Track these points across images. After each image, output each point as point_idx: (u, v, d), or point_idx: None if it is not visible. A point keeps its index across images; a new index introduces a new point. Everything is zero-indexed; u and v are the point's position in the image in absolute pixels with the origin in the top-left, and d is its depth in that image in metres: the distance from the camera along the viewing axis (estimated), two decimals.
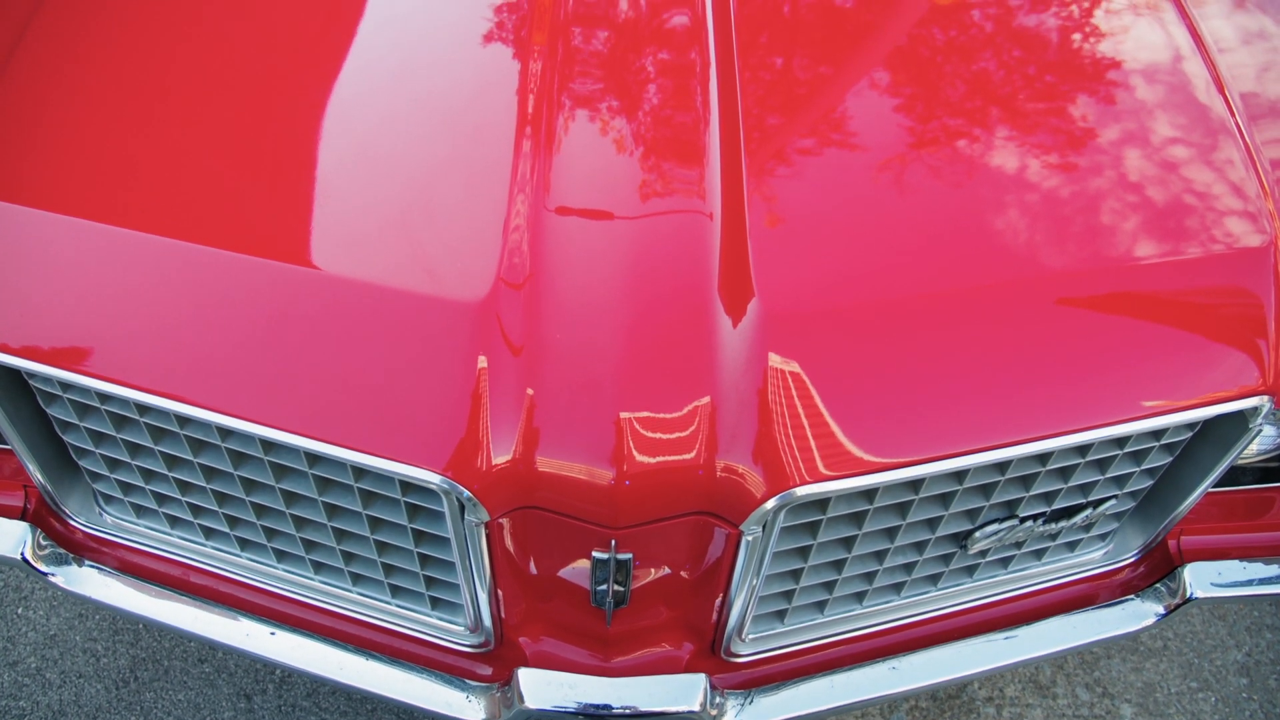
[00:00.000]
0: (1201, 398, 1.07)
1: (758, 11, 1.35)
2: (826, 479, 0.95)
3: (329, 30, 1.27)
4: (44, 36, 1.23)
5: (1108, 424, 1.03)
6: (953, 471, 1.01)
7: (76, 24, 1.25)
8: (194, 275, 1.03)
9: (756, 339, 0.97)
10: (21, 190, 1.09)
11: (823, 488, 0.95)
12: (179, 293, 1.03)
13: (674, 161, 1.09)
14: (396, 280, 0.99)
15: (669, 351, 0.96)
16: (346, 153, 1.12)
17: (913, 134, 1.20)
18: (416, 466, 0.95)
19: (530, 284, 0.98)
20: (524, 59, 1.22)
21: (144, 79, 1.20)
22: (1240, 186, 1.19)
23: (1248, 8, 1.51)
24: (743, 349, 0.97)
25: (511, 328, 0.97)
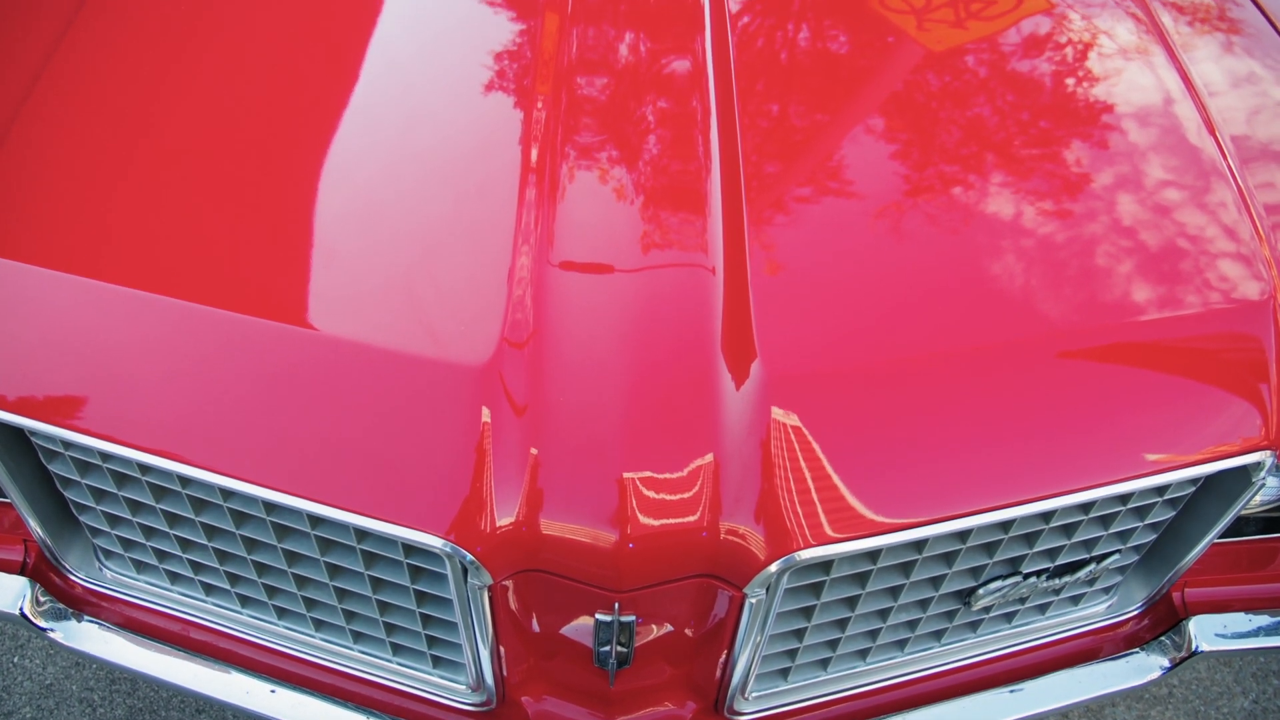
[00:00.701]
0: (1204, 453, 1.07)
1: (756, 58, 1.36)
2: (830, 541, 0.95)
3: (331, 81, 1.28)
4: (49, 95, 1.24)
5: (1111, 482, 1.02)
6: (957, 531, 1.00)
7: (81, 82, 1.26)
8: (197, 335, 1.03)
9: (759, 401, 0.97)
10: (27, 248, 1.09)
11: (826, 550, 0.95)
12: (182, 353, 1.03)
13: (677, 213, 1.10)
14: (399, 342, 0.99)
15: (673, 412, 0.96)
16: (349, 208, 1.13)
17: (912, 183, 1.21)
18: (420, 531, 0.94)
19: (534, 342, 0.98)
20: (528, 109, 1.23)
21: (147, 136, 1.20)
22: (1237, 234, 1.19)
23: (1235, 51, 1.52)
24: (746, 411, 0.97)
25: (515, 388, 0.97)
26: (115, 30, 1.33)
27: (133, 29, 1.34)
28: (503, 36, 1.38)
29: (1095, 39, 1.48)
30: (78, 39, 1.30)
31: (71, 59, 1.28)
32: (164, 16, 1.37)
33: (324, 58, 1.32)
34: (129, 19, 1.35)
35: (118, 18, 1.35)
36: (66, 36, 1.30)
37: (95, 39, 1.31)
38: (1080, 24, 1.50)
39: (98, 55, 1.30)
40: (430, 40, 1.38)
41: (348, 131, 1.22)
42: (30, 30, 1.33)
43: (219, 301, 1.03)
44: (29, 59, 1.28)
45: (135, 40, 1.32)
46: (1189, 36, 1.53)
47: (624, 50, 1.29)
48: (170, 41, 1.33)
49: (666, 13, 1.39)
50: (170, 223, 1.11)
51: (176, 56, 1.31)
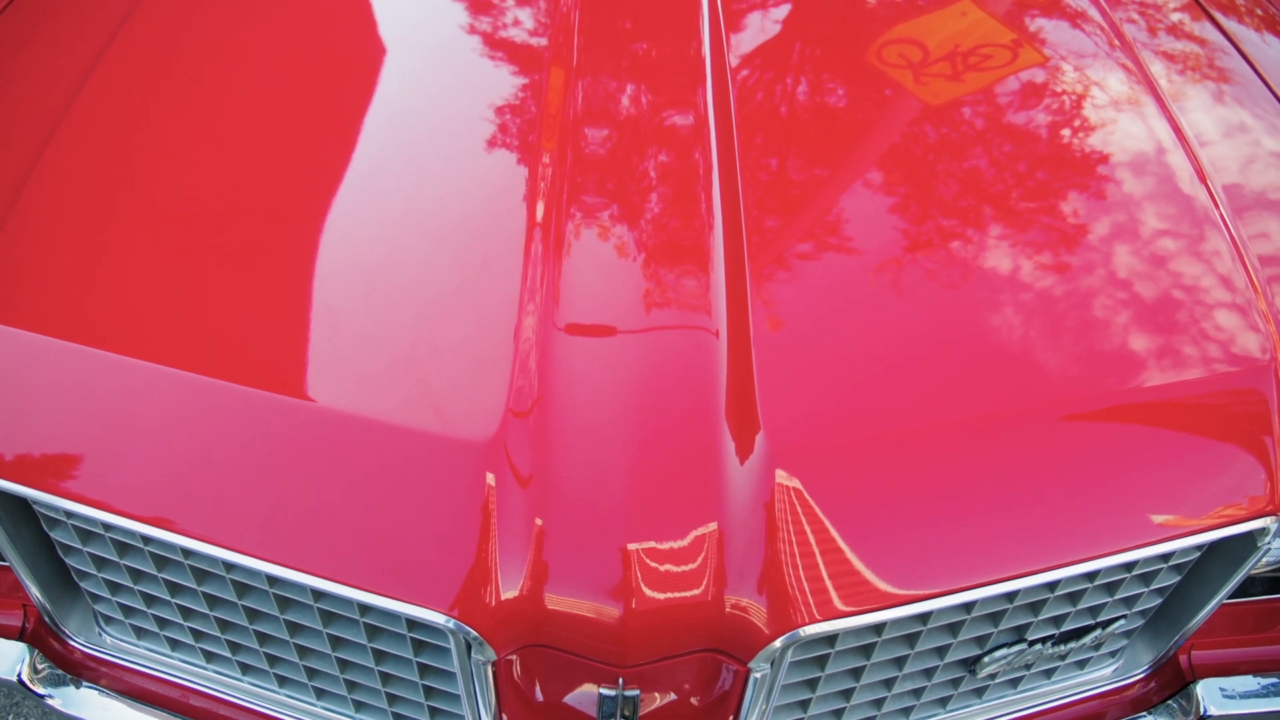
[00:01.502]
0: (1209, 519, 1.07)
1: (757, 111, 1.37)
2: (834, 616, 0.95)
3: (334, 141, 1.29)
4: (55, 164, 1.24)
5: (1117, 551, 1.02)
6: (962, 603, 1.00)
7: (86, 150, 1.27)
8: (200, 407, 1.03)
9: (763, 475, 0.97)
10: (35, 317, 1.09)
11: (830, 626, 0.94)
12: (185, 424, 1.03)
13: (681, 273, 1.10)
14: (403, 417, 0.99)
15: (677, 485, 0.96)
16: (353, 272, 1.13)
17: (914, 239, 1.21)
18: (424, 607, 0.94)
19: (538, 410, 0.98)
20: (533, 164, 1.24)
21: (150, 203, 1.21)
22: (1234, 291, 1.20)
23: (1225, 101, 1.53)
24: (749, 485, 0.96)
25: (519, 459, 0.97)
26: (120, 96, 1.34)
27: (137, 95, 1.35)
28: (508, 91, 1.39)
29: (1088, 90, 1.49)
30: (84, 106, 1.31)
31: (78, 127, 1.29)
32: (166, 83, 1.38)
33: (327, 117, 1.33)
34: (133, 85, 1.36)
35: (123, 85, 1.36)
36: (73, 105, 1.31)
37: (100, 106, 1.32)
38: (1073, 75, 1.52)
39: (103, 122, 1.31)
40: (436, 96, 1.39)
41: (353, 194, 1.22)
42: (37, 98, 1.34)
43: (222, 373, 1.03)
44: (35, 128, 1.29)
45: (139, 106, 1.34)
46: (1180, 86, 1.55)
47: (629, 104, 1.30)
48: (172, 108, 1.34)
49: (669, 67, 1.40)
50: (174, 292, 1.11)
51: (179, 122, 1.32)
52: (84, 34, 1.45)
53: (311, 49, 1.47)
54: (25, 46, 1.46)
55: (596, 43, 1.45)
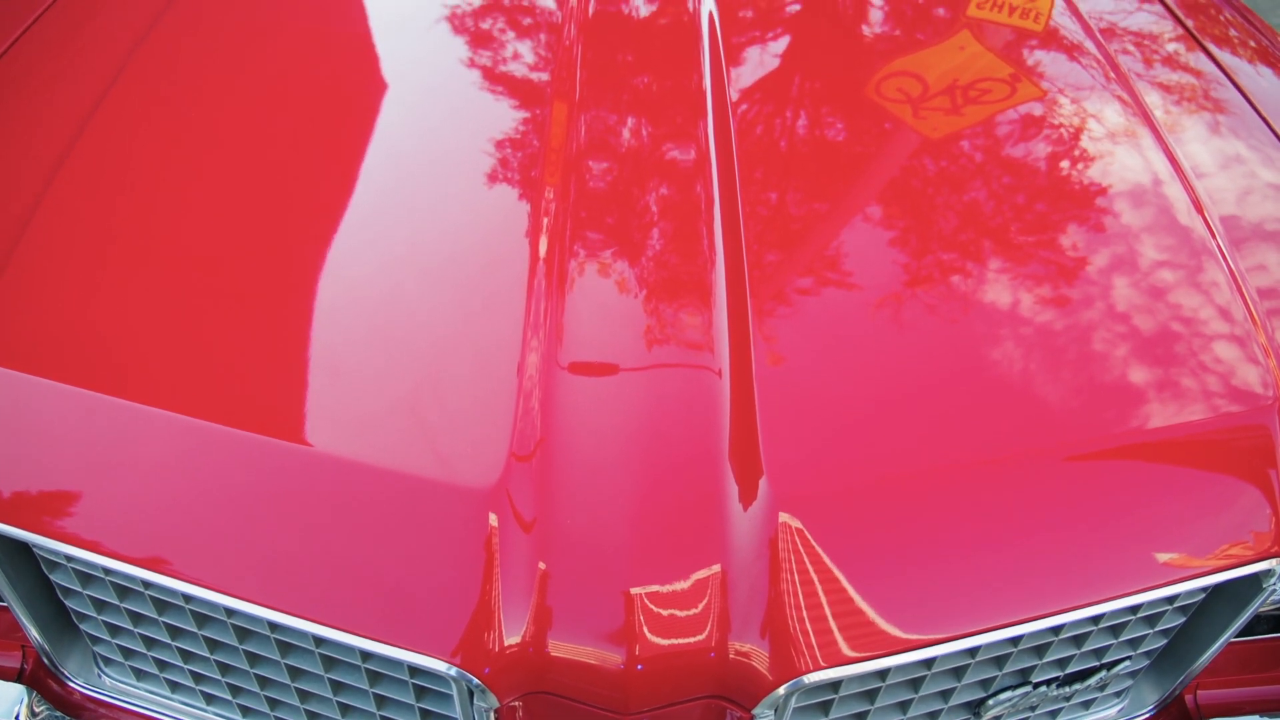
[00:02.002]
0: (1214, 561, 1.06)
1: (757, 146, 1.38)
2: (838, 663, 0.94)
3: (338, 179, 1.29)
4: (55, 209, 1.25)
5: (1122, 595, 1.02)
6: (966, 649, 1.00)
7: (87, 196, 1.27)
8: (200, 452, 1.03)
9: (766, 520, 0.97)
10: (34, 360, 1.09)
11: (835, 673, 0.94)
12: (186, 469, 1.02)
13: (684, 311, 1.10)
14: (406, 463, 0.99)
15: (681, 529, 0.96)
16: (356, 311, 1.13)
17: (917, 275, 1.21)
18: (426, 655, 0.93)
19: (540, 452, 0.98)
20: (536, 199, 1.24)
21: (152, 247, 1.21)
22: (1236, 327, 1.20)
23: (1221, 133, 1.54)
24: (753, 530, 0.96)
25: (522, 504, 0.97)
26: (121, 138, 1.35)
27: (138, 135, 1.36)
28: (512, 126, 1.40)
29: (1086, 123, 1.50)
30: (86, 148, 1.32)
31: (80, 169, 1.29)
32: (168, 122, 1.39)
33: (329, 155, 1.34)
34: (135, 126, 1.37)
35: (124, 126, 1.37)
36: (75, 146, 1.32)
37: (102, 148, 1.33)
38: (1071, 108, 1.53)
39: (104, 164, 1.31)
40: (440, 132, 1.40)
41: (355, 232, 1.23)
42: (39, 139, 1.35)
43: (222, 417, 1.03)
44: (38, 170, 1.30)
45: (141, 146, 1.34)
46: (1176, 118, 1.56)
47: (631, 138, 1.31)
48: (174, 148, 1.35)
49: (670, 100, 1.41)
50: (175, 336, 1.11)
51: (180, 162, 1.32)
52: (87, 75, 1.46)
53: (313, 86, 1.48)
54: (28, 87, 1.46)
55: (599, 76, 1.46)
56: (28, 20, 1.60)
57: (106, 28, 1.60)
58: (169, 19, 1.61)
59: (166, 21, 1.60)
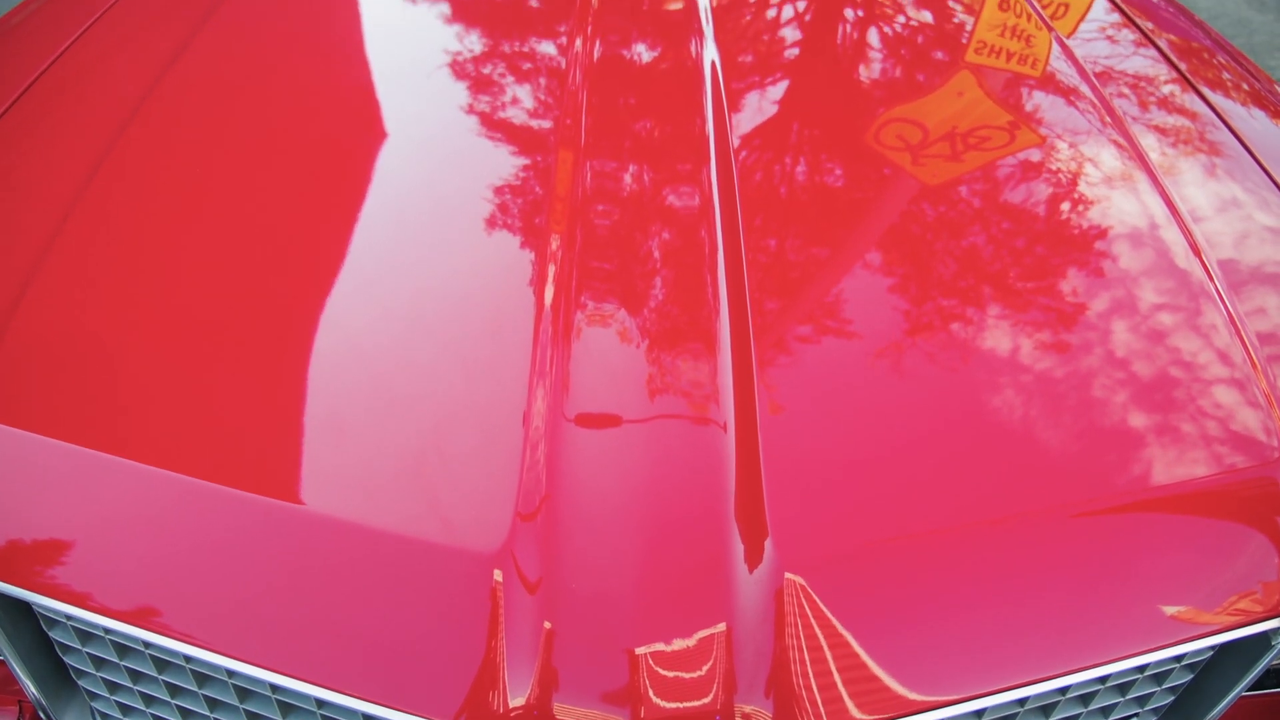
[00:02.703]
0: (1222, 618, 1.06)
1: (759, 192, 1.39)
2: None
3: (340, 232, 1.29)
4: (59, 267, 1.25)
5: (1129, 655, 1.01)
6: (972, 711, 0.99)
7: (89, 255, 1.27)
8: (199, 513, 1.02)
9: (772, 581, 0.97)
10: (36, 418, 1.09)
11: None
12: (186, 530, 1.02)
13: (688, 363, 1.10)
14: (409, 527, 0.99)
15: (687, 589, 0.95)
16: (359, 368, 1.13)
17: (920, 323, 1.22)
18: (430, 718, 0.93)
19: (545, 509, 0.98)
20: (541, 248, 1.24)
21: (154, 305, 1.21)
22: (1243, 376, 1.20)
23: (1217, 176, 1.55)
24: (759, 592, 0.96)
25: (526, 564, 0.96)
26: (123, 196, 1.35)
27: (141, 193, 1.36)
28: (518, 174, 1.41)
29: (1084, 168, 1.51)
30: (88, 207, 1.32)
31: (81, 228, 1.30)
32: (171, 178, 1.39)
33: (332, 207, 1.34)
34: (138, 184, 1.38)
35: (127, 184, 1.37)
36: (77, 205, 1.32)
37: (104, 207, 1.33)
38: (1069, 153, 1.54)
39: (106, 223, 1.31)
40: (444, 181, 1.40)
41: (358, 285, 1.23)
42: (42, 197, 1.35)
43: (225, 479, 1.02)
44: (40, 228, 1.30)
45: (143, 204, 1.34)
46: (1171, 161, 1.57)
47: (636, 185, 1.32)
48: (176, 204, 1.35)
49: (674, 146, 1.42)
50: (176, 395, 1.11)
51: (182, 219, 1.32)
52: (90, 130, 1.47)
53: (315, 136, 1.49)
54: (30, 145, 1.47)
55: (604, 122, 1.47)
56: (31, 76, 1.61)
57: (114, 80, 1.61)
58: (175, 70, 1.62)
59: (174, 72, 1.61)
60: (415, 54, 1.71)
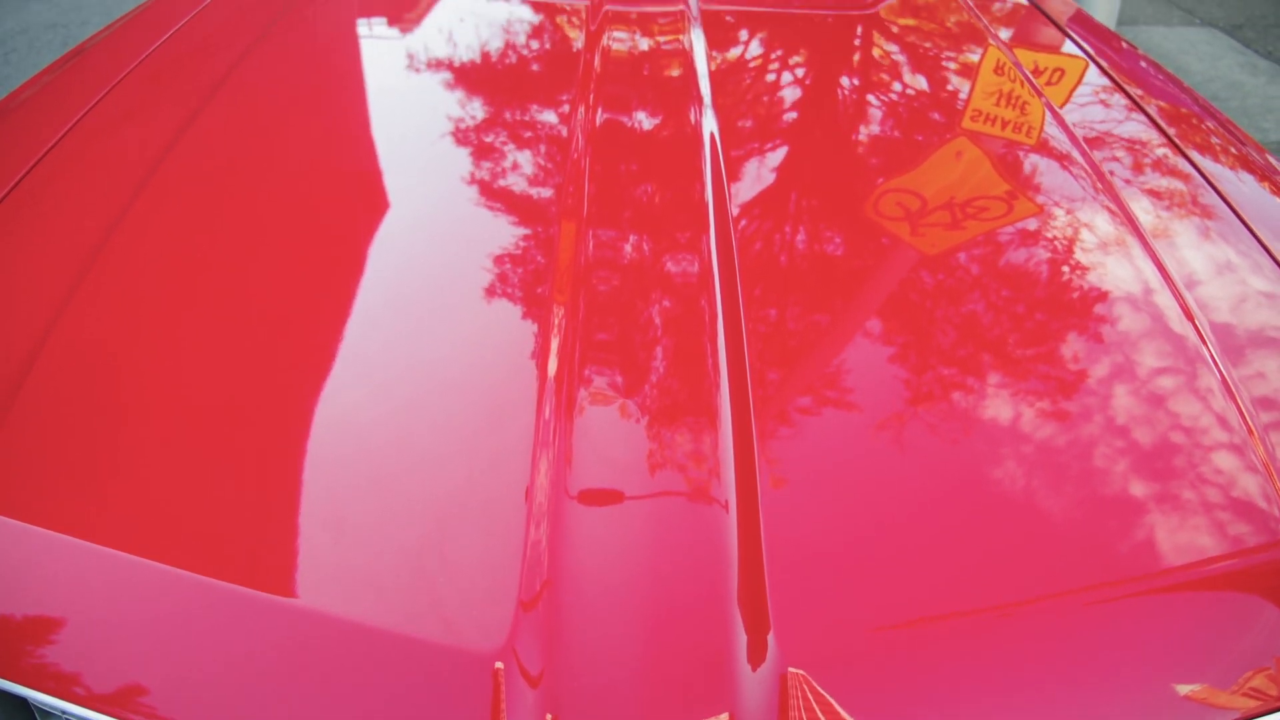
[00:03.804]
0: (1240, 702, 1.05)
1: (758, 261, 1.41)
2: None
3: (341, 313, 1.31)
4: (55, 361, 1.25)
5: None
6: None
7: (88, 345, 1.28)
8: (196, 609, 1.02)
9: (775, 673, 0.97)
10: (35, 511, 1.09)
11: None
12: (181, 626, 1.02)
13: (689, 437, 1.11)
14: (410, 624, 0.98)
15: (690, 679, 0.95)
16: (360, 447, 1.13)
17: (922, 394, 1.23)
18: None
19: (547, 596, 0.98)
20: (545, 319, 1.26)
21: (151, 396, 1.21)
22: (1244, 450, 1.21)
23: (1208, 240, 1.58)
24: (762, 685, 0.96)
25: (528, 658, 0.96)
26: (122, 285, 1.36)
27: (139, 282, 1.37)
28: (520, 242, 1.42)
29: (1078, 236, 1.54)
30: (86, 296, 1.33)
31: (79, 317, 1.30)
32: (170, 265, 1.40)
33: (332, 288, 1.35)
34: (136, 272, 1.38)
35: (125, 273, 1.38)
36: (75, 294, 1.33)
37: (102, 296, 1.34)
38: (1062, 222, 1.57)
39: (104, 312, 1.32)
40: (446, 251, 1.42)
41: (362, 360, 1.23)
42: (40, 286, 1.36)
43: (223, 574, 1.03)
44: (38, 317, 1.31)
45: (142, 293, 1.35)
46: (1162, 226, 1.60)
47: (637, 254, 1.33)
48: (176, 291, 1.35)
49: (674, 213, 1.45)
50: (173, 486, 1.11)
51: (182, 307, 1.33)
52: (90, 217, 1.48)
53: (317, 211, 1.51)
54: (28, 232, 1.48)
55: (606, 190, 1.50)
56: (32, 160, 1.63)
57: (114, 164, 1.63)
58: (179, 147, 1.64)
59: (178, 149, 1.64)
60: (420, 123, 1.74)
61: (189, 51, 2.04)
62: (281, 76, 1.93)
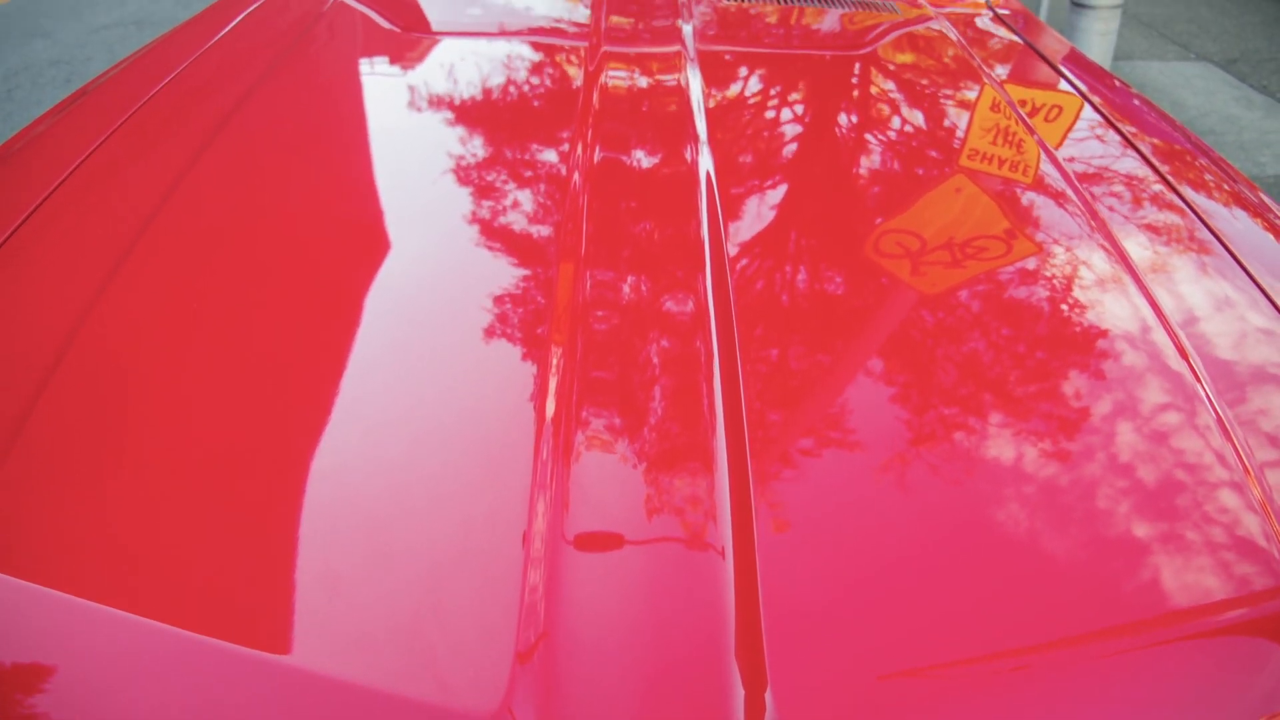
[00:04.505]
0: None
1: (755, 300, 1.41)
2: None
3: (340, 361, 1.30)
4: (48, 416, 1.24)
5: None
6: None
7: (81, 399, 1.27)
8: (189, 668, 1.00)
9: None
10: (26, 567, 1.07)
11: None
12: (167, 683, 1.00)
13: (685, 481, 1.10)
14: (407, 683, 0.97)
15: None
16: (353, 503, 1.12)
17: (923, 434, 1.22)
18: None
19: (543, 648, 0.97)
20: (544, 360, 1.26)
21: (146, 448, 1.20)
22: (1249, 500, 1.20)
23: (1202, 278, 1.59)
24: None
25: (524, 716, 0.95)
26: (118, 335, 1.36)
27: (137, 329, 1.37)
28: (519, 282, 1.43)
29: (1076, 274, 1.54)
30: (79, 350, 1.32)
31: (71, 376, 1.29)
32: (167, 313, 1.39)
33: (331, 328, 1.35)
34: (131, 321, 1.38)
35: (120, 323, 1.37)
36: (70, 348, 1.32)
37: (98, 347, 1.33)
38: (1058, 260, 1.57)
39: (100, 363, 1.31)
40: (445, 292, 1.43)
41: (357, 412, 1.22)
42: (36, 336, 1.35)
43: (207, 629, 1.01)
44: (34, 370, 1.30)
45: (137, 344, 1.35)
46: (1157, 264, 1.61)
47: (635, 294, 1.34)
48: (172, 338, 1.35)
49: (671, 252, 1.46)
50: (169, 543, 1.09)
51: (178, 354, 1.32)
52: (84, 269, 1.48)
53: (315, 254, 1.51)
54: (24, 282, 1.48)
55: (604, 229, 1.51)
56: (30, 208, 1.63)
57: (119, 202, 1.65)
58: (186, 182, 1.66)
59: (185, 184, 1.65)
60: (421, 162, 1.76)
61: (192, 92, 2.06)
62: (283, 116, 1.95)
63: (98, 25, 8.25)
